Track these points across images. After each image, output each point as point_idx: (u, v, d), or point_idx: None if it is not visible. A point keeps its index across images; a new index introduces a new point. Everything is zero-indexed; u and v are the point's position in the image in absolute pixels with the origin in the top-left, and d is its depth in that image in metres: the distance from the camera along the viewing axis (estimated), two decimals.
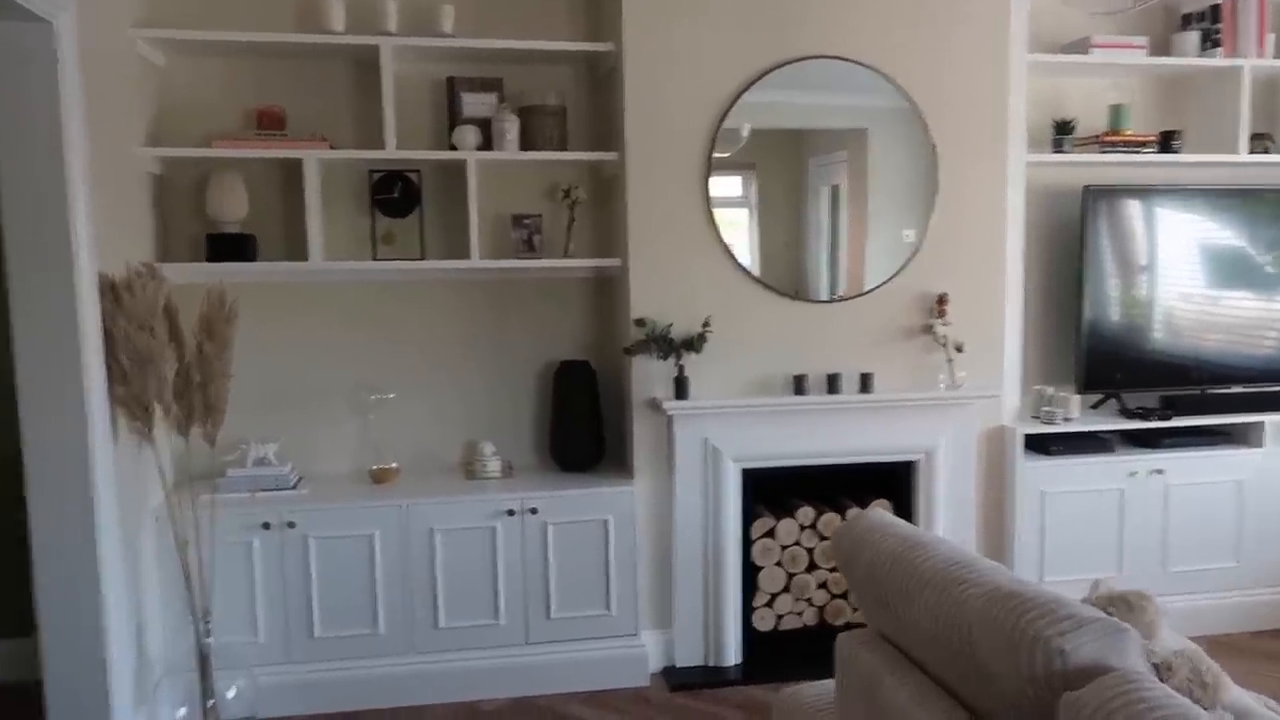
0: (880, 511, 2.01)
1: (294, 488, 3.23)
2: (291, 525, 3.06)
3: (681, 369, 3.28)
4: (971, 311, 3.50)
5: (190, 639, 2.88)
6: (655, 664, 3.42)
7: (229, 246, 3.25)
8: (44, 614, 2.58)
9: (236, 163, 3.27)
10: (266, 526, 3.04)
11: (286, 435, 3.40)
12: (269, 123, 3.29)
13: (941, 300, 3.45)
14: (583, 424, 3.43)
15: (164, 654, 3.03)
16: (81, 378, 2.56)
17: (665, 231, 3.31)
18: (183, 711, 2.91)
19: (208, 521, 2.93)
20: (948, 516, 3.51)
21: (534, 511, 3.19)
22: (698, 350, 3.25)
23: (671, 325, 3.29)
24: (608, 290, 3.61)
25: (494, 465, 3.41)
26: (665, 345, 3.23)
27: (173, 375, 2.84)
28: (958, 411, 3.48)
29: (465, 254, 3.33)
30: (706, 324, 3.27)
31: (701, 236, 3.34)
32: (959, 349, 3.45)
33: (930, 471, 3.50)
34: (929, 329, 3.47)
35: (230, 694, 2.92)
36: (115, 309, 2.69)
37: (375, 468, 3.37)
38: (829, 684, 2.21)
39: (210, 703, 2.83)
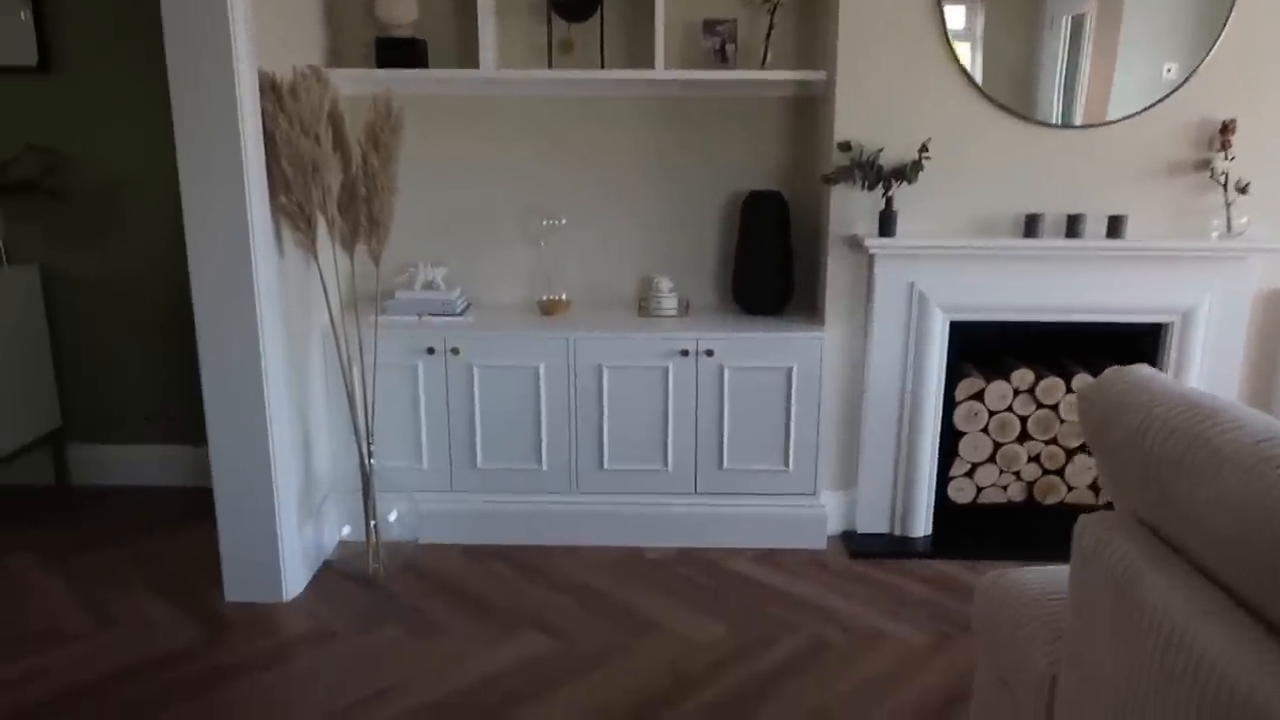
0: (1147, 369, 1.57)
1: (461, 314, 3.07)
2: (456, 352, 2.91)
3: (889, 202, 2.82)
4: (1265, 144, 2.81)
5: (355, 459, 2.82)
6: (833, 527, 3.13)
7: (398, 52, 3.02)
8: (212, 424, 2.56)
9: None
10: (431, 352, 2.91)
11: (455, 260, 3.24)
12: None
13: (1226, 129, 2.77)
14: (770, 261, 3.07)
15: (331, 472, 3.02)
16: (242, 180, 2.43)
17: (882, 39, 2.80)
18: (347, 529, 2.90)
19: (373, 343, 2.83)
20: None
21: (710, 354, 2.90)
22: (911, 180, 2.78)
23: (881, 151, 2.81)
24: (807, 112, 3.15)
25: (670, 303, 3.12)
26: (872, 173, 2.77)
27: (337, 187, 2.68)
28: (1231, 266, 2.85)
29: (649, 63, 2.96)
30: (924, 149, 2.77)
31: (925, 44, 2.80)
32: (1242, 190, 2.79)
33: (1185, 337, 2.92)
34: (1205, 164, 2.82)
35: (392, 517, 2.87)
36: (277, 110, 2.52)
37: (545, 298, 3.16)
38: (1052, 571, 1.84)
39: (372, 523, 2.79)
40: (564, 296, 3.16)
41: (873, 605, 2.70)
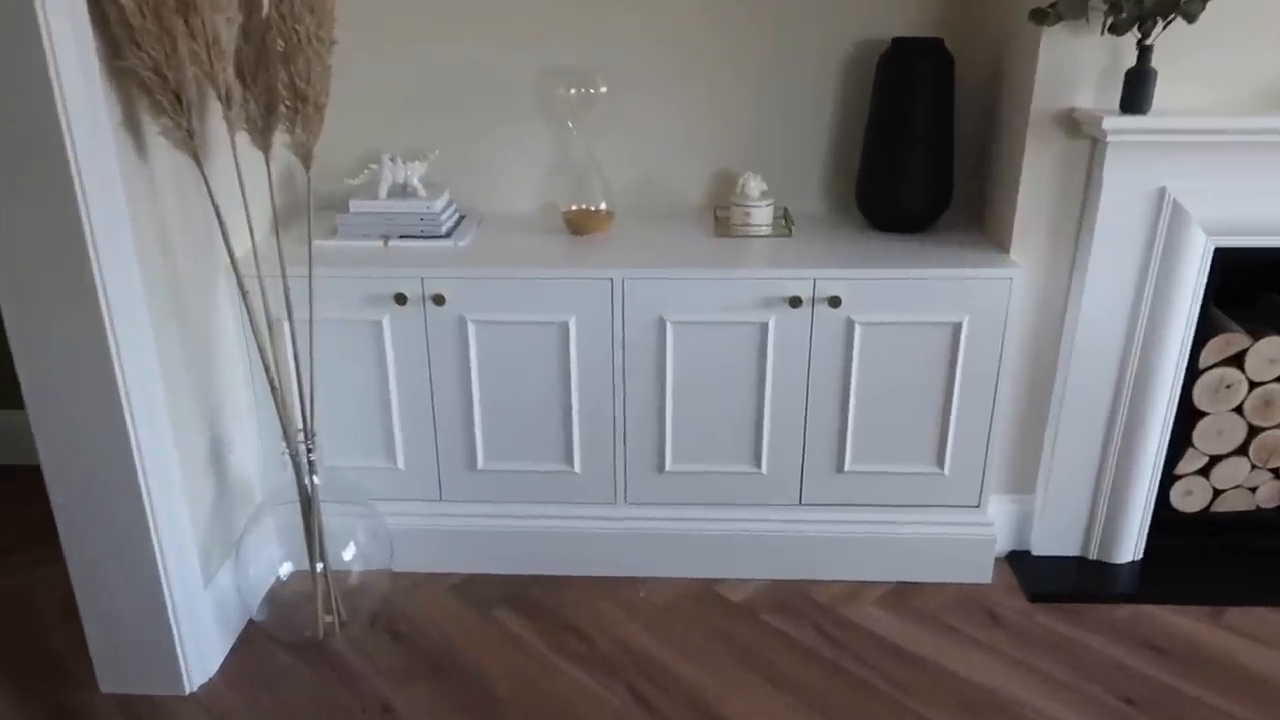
0: None
1: (449, 235, 2.03)
2: (440, 301, 1.88)
3: (1145, 54, 1.70)
4: None
5: (304, 458, 1.85)
6: (1000, 544, 2.15)
7: None
8: (42, 442, 1.58)
9: None
10: (401, 300, 1.89)
11: (440, 151, 2.17)
12: None
13: None
14: (922, 151, 1.97)
15: (263, 480, 2.06)
16: (38, 25, 1.36)
17: None
18: (286, 568, 1.95)
19: (307, 288, 1.81)
20: None
21: (834, 303, 1.85)
22: (1191, 15, 1.64)
23: None
24: None
25: (763, 216, 2.06)
26: (1131, 3, 1.64)
27: (233, 39, 1.61)
28: None
29: None
30: None
31: None
32: None
33: None
34: None
35: (347, 554, 1.92)
36: None
37: (574, 209, 2.10)
38: None
39: (319, 567, 1.84)
40: (603, 206, 2.11)
41: (1092, 704, 1.74)
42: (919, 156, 1.98)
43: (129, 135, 1.58)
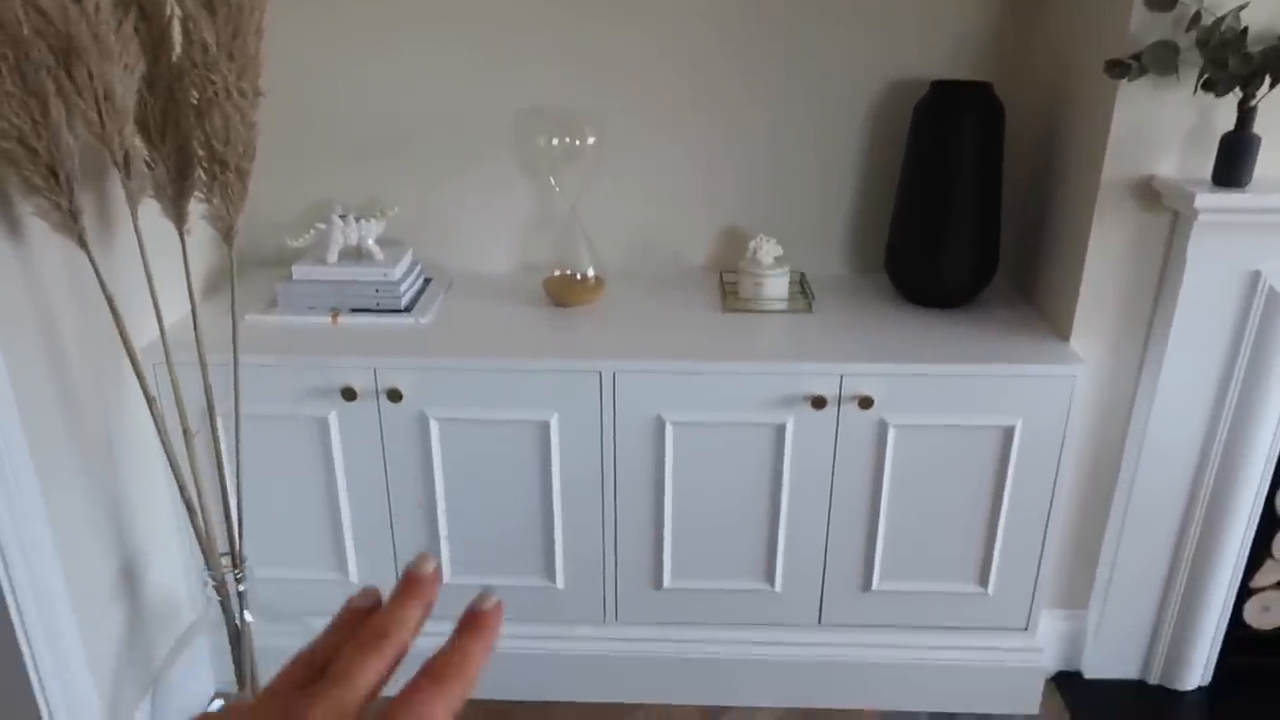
0: None
1: (408, 310, 1.73)
2: (395, 397, 1.58)
3: (1248, 117, 1.40)
4: None
5: (232, 589, 1.55)
6: (1047, 665, 1.87)
7: None
8: None
9: None
10: (350, 396, 1.59)
11: (400, 209, 1.86)
12: None
13: None
14: (964, 216, 1.68)
15: (190, 596, 1.76)
16: None
17: None
18: (217, 705, 1.66)
19: (232, 378, 1.50)
20: None
21: (865, 404, 1.56)
22: None
23: (1243, 8, 1.37)
24: None
25: (778, 287, 1.76)
26: (1238, 58, 1.33)
27: (132, 93, 1.30)
28: None
29: None
30: None
31: None
32: None
33: None
34: None
35: None
36: None
37: (556, 275, 1.80)
38: None
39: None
40: (591, 273, 1.80)
41: None
42: (962, 221, 1.68)
43: None
